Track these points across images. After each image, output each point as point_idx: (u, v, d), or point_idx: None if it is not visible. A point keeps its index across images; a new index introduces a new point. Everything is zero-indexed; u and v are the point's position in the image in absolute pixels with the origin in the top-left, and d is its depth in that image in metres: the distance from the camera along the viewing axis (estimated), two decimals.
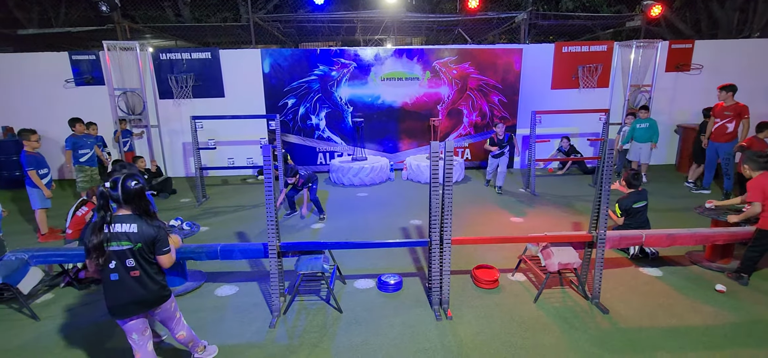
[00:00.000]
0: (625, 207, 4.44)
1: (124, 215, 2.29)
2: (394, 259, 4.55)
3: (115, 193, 2.23)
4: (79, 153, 6.29)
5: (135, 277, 2.31)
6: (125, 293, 2.31)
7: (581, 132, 9.07)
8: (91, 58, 8.32)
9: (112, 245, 2.24)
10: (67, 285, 4.03)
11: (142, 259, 2.32)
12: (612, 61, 8.78)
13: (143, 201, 2.33)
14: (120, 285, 2.30)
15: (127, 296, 2.32)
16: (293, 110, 8.78)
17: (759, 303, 3.59)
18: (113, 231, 2.24)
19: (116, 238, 2.24)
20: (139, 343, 2.48)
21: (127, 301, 2.33)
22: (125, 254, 2.27)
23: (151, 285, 2.39)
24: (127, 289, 2.31)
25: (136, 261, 2.30)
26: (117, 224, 2.25)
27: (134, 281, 2.31)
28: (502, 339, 3.13)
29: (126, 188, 2.24)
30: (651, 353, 2.94)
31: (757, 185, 3.78)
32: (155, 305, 2.46)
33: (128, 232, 2.26)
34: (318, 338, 3.18)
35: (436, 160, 3.20)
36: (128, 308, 2.36)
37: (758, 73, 8.64)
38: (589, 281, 3.76)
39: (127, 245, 2.26)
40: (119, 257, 2.26)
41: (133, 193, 2.26)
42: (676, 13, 12.19)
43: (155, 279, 2.41)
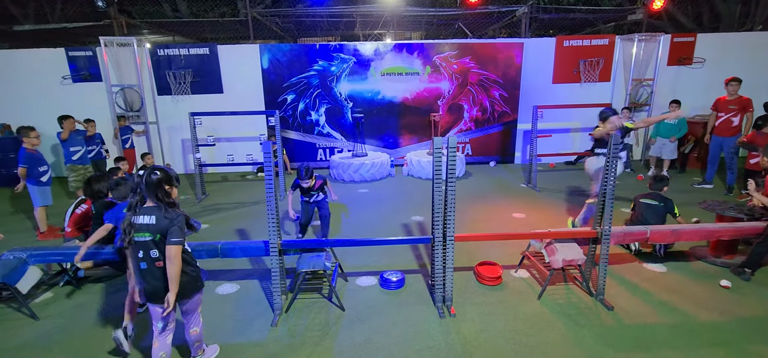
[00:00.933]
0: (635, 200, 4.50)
1: (147, 206, 2.36)
2: (396, 256, 4.51)
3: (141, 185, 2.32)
4: (71, 151, 6.24)
5: (160, 268, 2.36)
6: (153, 281, 2.38)
7: (582, 127, 9.02)
8: (88, 55, 8.24)
9: (136, 236, 2.32)
10: (65, 284, 3.99)
11: (164, 249, 2.34)
12: (613, 55, 8.72)
13: (162, 191, 2.35)
14: (148, 274, 2.38)
15: (155, 284, 2.38)
16: (293, 106, 8.72)
17: (765, 299, 3.56)
18: (137, 223, 2.32)
19: (139, 230, 2.32)
20: (162, 333, 2.55)
21: (155, 288, 2.39)
22: (148, 246, 2.33)
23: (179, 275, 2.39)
24: (154, 278, 2.38)
25: (159, 252, 2.35)
26: (141, 216, 2.33)
27: (160, 271, 2.36)
28: (506, 336, 3.10)
29: (147, 178, 2.31)
30: (656, 350, 2.91)
31: None
32: (183, 296, 2.47)
33: (148, 223, 2.32)
34: (320, 337, 3.15)
35: (438, 156, 3.15)
36: (158, 294, 2.40)
37: (761, 66, 8.59)
38: (593, 277, 3.72)
39: (149, 237, 2.32)
40: (144, 248, 2.34)
41: (153, 183, 2.31)
42: (678, 6, 12.10)
43: (185, 270, 2.42)
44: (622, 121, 4.59)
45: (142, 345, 3.09)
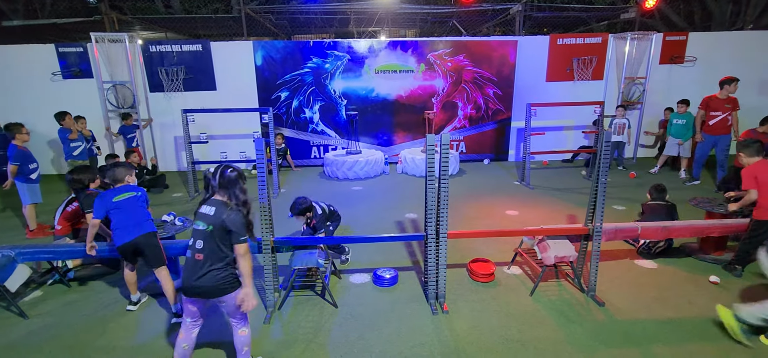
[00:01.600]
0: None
1: (213, 199, 2.37)
2: (389, 253, 4.52)
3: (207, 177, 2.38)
4: (71, 147, 6.33)
5: (198, 260, 2.33)
6: (189, 272, 2.35)
7: (576, 124, 9.07)
8: (78, 51, 8.14)
9: (195, 224, 2.37)
10: (54, 283, 3.95)
11: (211, 243, 2.32)
12: (606, 53, 8.77)
13: (237, 189, 2.38)
14: (187, 263, 2.38)
15: (190, 277, 2.34)
16: (286, 103, 8.68)
17: (753, 294, 3.60)
18: (200, 211, 2.37)
19: (197, 217, 2.37)
20: (189, 327, 2.51)
21: (190, 282, 2.34)
22: (198, 235, 2.34)
23: (212, 273, 2.32)
24: (189, 268, 2.35)
25: (204, 244, 2.32)
26: (204, 206, 2.36)
27: (196, 264, 2.33)
28: (499, 333, 3.11)
29: (223, 175, 2.36)
30: (647, 346, 2.94)
31: (750, 172, 3.77)
32: (212, 296, 2.38)
33: (207, 213, 2.33)
34: (313, 334, 3.14)
35: (431, 153, 3.15)
36: (188, 289, 2.37)
37: (751, 65, 8.68)
38: (584, 273, 3.75)
39: (201, 226, 2.33)
40: (194, 237, 2.36)
41: (228, 180, 2.36)
42: (670, 5, 12.20)
43: (218, 268, 2.33)
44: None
45: (150, 334, 3.07)
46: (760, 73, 8.76)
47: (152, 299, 3.69)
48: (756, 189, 3.72)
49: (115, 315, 3.45)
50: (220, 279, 2.34)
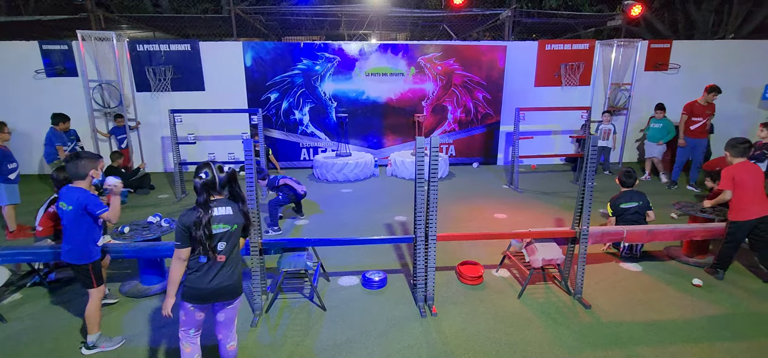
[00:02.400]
0: (613, 206, 4.47)
1: (219, 199, 2.32)
2: (378, 256, 4.51)
3: (210, 179, 2.26)
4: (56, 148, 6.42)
5: (221, 262, 2.30)
6: (210, 277, 2.28)
7: (563, 129, 9.19)
8: (63, 48, 7.98)
9: (215, 228, 2.26)
10: (34, 285, 3.86)
11: (232, 242, 2.34)
12: (593, 59, 8.91)
13: (237, 185, 2.37)
14: (206, 267, 2.27)
15: (212, 283, 2.28)
16: (276, 105, 8.63)
17: (734, 297, 3.69)
18: (216, 215, 2.26)
19: (216, 221, 2.26)
20: (194, 337, 2.43)
21: (211, 288, 2.28)
22: (220, 237, 2.28)
23: (234, 272, 2.37)
24: (212, 273, 2.28)
25: (226, 245, 2.30)
26: (215, 209, 2.27)
27: (219, 265, 2.30)
28: (487, 335, 3.13)
29: (220, 175, 2.29)
30: (632, 347, 2.98)
31: (729, 172, 3.82)
32: (233, 296, 2.39)
33: (225, 215, 2.29)
34: (301, 337, 3.12)
35: (420, 156, 3.16)
36: (206, 295, 2.29)
37: (732, 73, 8.90)
38: (571, 276, 3.79)
39: (225, 228, 2.28)
40: (214, 241, 2.27)
41: (228, 177, 2.33)
42: (655, 14, 12.46)
43: (236, 265, 2.40)
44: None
45: (133, 337, 3.01)
46: (741, 81, 8.99)
47: (137, 300, 3.62)
48: (731, 190, 3.78)
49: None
50: (238, 277, 2.41)
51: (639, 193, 4.47)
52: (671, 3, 12.04)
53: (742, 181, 3.74)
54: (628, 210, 4.40)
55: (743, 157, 3.86)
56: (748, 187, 3.74)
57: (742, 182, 3.74)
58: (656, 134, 7.52)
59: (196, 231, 2.18)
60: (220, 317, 2.42)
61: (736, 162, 3.85)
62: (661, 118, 7.52)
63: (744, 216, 3.76)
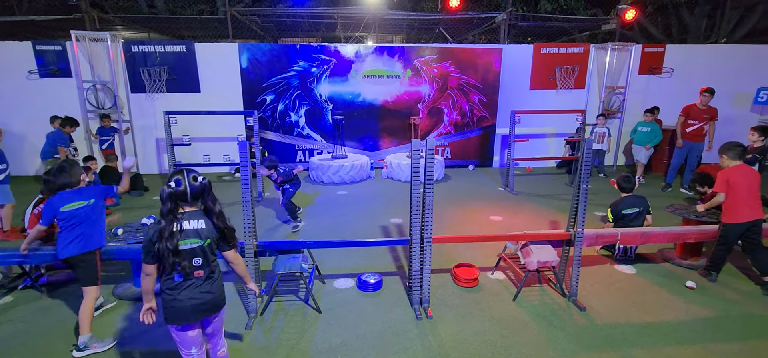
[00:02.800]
0: (614, 212, 4.46)
1: (191, 211, 2.16)
2: (374, 258, 4.50)
3: (181, 189, 2.10)
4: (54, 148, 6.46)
5: (199, 277, 2.17)
6: (189, 295, 2.15)
7: (558, 132, 9.24)
8: (56, 49, 7.92)
9: (182, 244, 2.09)
10: (25, 288, 3.81)
11: (208, 256, 2.20)
12: (588, 63, 8.97)
13: (210, 197, 2.21)
14: (183, 286, 2.14)
15: (192, 300, 2.15)
16: (272, 107, 8.61)
17: (726, 299, 3.71)
18: (186, 229, 2.11)
19: (186, 237, 2.11)
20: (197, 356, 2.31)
21: (192, 306, 2.16)
22: (193, 253, 2.13)
23: (215, 286, 2.25)
24: (191, 291, 2.16)
25: (203, 259, 2.17)
26: (185, 222, 2.12)
27: (199, 281, 2.18)
28: (482, 338, 3.13)
29: (192, 184, 2.13)
30: (626, 350, 2.99)
31: (724, 175, 3.83)
32: (217, 309, 2.29)
33: (197, 228, 2.14)
34: (296, 340, 3.11)
35: (416, 158, 3.16)
36: (189, 314, 2.17)
37: (724, 77, 8.99)
38: (566, 278, 3.80)
39: (197, 243, 2.14)
40: (186, 257, 2.12)
41: (201, 188, 2.16)
42: (649, 18, 12.58)
43: (217, 280, 2.28)
44: None
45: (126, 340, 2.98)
46: (733, 85, 9.08)
47: (130, 303, 3.59)
48: (725, 193, 3.80)
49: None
50: (220, 288, 2.29)
51: (640, 198, 4.47)
52: (665, 7, 12.16)
53: (737, 184, 3.77)
54: (629, 216, 4.37)
55: (739, 161, 3.88)
56: (741, 190, 3.76)
57: (737, 185, 3.77)
58: (644, 138, 7.60)
59: (159, 244, 2.02)
60: (208, 330, 2.35)
61: (732, 165, 3.87)
62: (649, 121, 7.61)
63: (737, 218, 3.79)
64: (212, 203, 2.21)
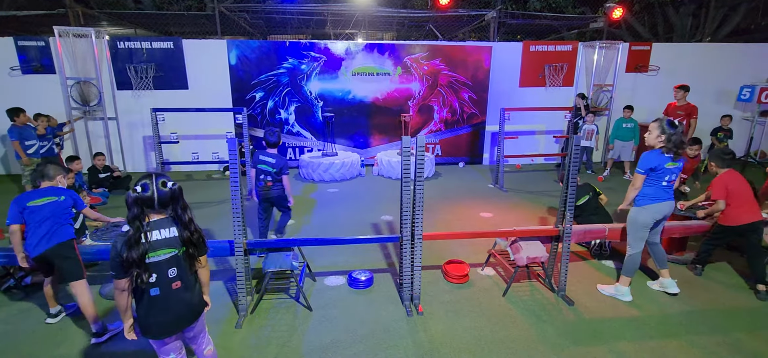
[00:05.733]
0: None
1: (159, 220, 2.03)
2: (365, 255, 4.50)
3: (148, 195, 1.97)
4: (26, 144, 6.11)
5: (177, 289, 2.06)
6: (167, 309, 2.05)
7: (547, 129, 9.32)
8: (39, 45, 7.75)
9: (151, 256, 1.97)
10: (7, 289, 3.73)
11: (184, 265, 2.09)
12: (576, 60, 9.06)
13: (182, 203, 2.09)
14: (161, 300, 2.02)
15: (170, 313, 2.06)
16: (261, 104, 8.54)
17: (711, 292, 3.79)
18: (151, 241, 1.97)
19: (155, 248, 1.98)
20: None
21: (170, 318, 2.07)
22: (168, 264, 2.02)
23: (193, 295, 2.15)
24: (169, 304, 2.05)
25: (177, 270, 2.06)
26: (154, 232, 1.99)
27: (177, 293, 2.06)
28: (472, 333, 3.15)
29: (161, 190, 2.00)
30: (613, 343, 3.04)
31: (721, 182, 3.85)
32: (196, 318, 2.19)
33: (168, 237, 2.02)
34: (287, 337, 3.09)
35: (407, 156, 3.17)
36: (169, 327, 2.09)
37: (709, 75, 9.16)
38: (555, 274, 3.85)
39: (170, 253, 2.02)
40: (159, 269, 2.00)
41: (170, 195, 2.03)
42: (636, 17, 12.75)
43: (194, 289, 2.16)
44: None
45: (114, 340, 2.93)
46: (717, 83, 9.26)
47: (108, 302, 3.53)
48: (725, 199, 3.79)
49: (76, 321, 3.29)
50: (198, 298, 2.20)
51: (583, 185, 4.65)
52: (651, 6, 12.33)
53: (734, 189, 3.77)
54: (586, 205, 4.56)
55: (729, 167, 3.88)
56: (739, 194, 3.77)
57: (734, 190, 3.77)
58: (628, 134, 7.77)
59: (127, 253, 1.89)
60: (190, 335, 2.27)
61: (723, 171, 3.88)
62: (629, 117, 7.83)
63: (736, 221, 3.79)
64: (182, 210, 2.08)
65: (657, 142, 3.36)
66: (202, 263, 2.24)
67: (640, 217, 3.47)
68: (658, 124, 3.35)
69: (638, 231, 3.51)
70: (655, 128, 3.38)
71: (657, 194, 3.40)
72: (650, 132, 3.41)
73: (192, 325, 2.20)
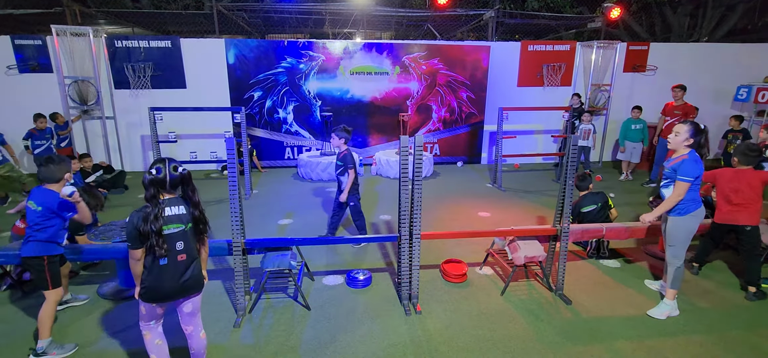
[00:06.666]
0: (573, 212, 4.51)
1: (171, 198, 2.30)
2: (363, 255, 4.51)
3: (161, 177, 2.23)
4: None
5: (182, 261, 2.31)
6: (173, 277, 2.29)
7: (545, 129, 9.34)
8: (36, 44, 7.72)
9: (165, 229, 2.24)
10: (9, 288, 3.72)
11: (190, 241, 2.35)
12: (574, 60, 9.08)
13: (190, 188, 2.36)
14: (168, 269, 2.27)
15: (172, 281, 2.30)
16: (260, 103, 8.53)
17: (708, 291, 3.81)
18: (165, 216, 2.24)
19: (167, 222, 2.25)
20: (154, 327, 2.47)
21: (174, 286, 2.31)
22: (176, 237, 2.28)
23: (196, 269, 2.39)
24: (173, 273, 2.29)
25: (184, 244, 2.31)
26: (166, 208, 2.26)
27: (182, 264, 2.31)
28: (471, 332, 3.16)
29: (172, 174, 2.27)
30: (610, 342, 3.05)
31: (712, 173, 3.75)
32: (196, 290, 2.43)
33: (179, 214, 2.29)
34: (285, 337, 3.10)
35: (405, 155, 3.17)
36: (172, 293, 2.33)
37: (706, 74, 9.20)
38: (553, 273, 3.86)
39: (179, 228, 2.29)
40: (170, 241, 2.26)
41: (180, 178, 2.30)
42: (633, 17, 12.78)
43: (197, 263, 2.42)
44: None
45: (110, 337, 2.93)
46: (715, 83, 9.29)
47: (115, 302, 3.53)
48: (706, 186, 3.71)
49: (74, 319, 3.29)
50: (199, 272, 2.43)
51: (597, 194, 4.58)
52: (649, 6, 12.36)
53: (721, 186, 3.70)
54: (588, 213, 4.47)
55: (749, 166, 3.69)
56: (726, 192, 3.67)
57: (721, 186, 3.70)
58: (637, 135, 7.73)
59: (144, 227, 2.16)
60: (187, 308, 2.45)
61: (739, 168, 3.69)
62: (637, 118, 7.76)
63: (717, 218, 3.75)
64: (191, 191, 2.36)
65: (684, 146, 3.16)
66: (204, 241, 2.50)
67: (691, 224, 3.22)
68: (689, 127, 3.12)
69: (686, 241, 3.28)
70: (684, 131, 3.14)
71: (698, 198, 3.24)
72: (677, 134, 3.18)
73: (190, 296, 2.42)
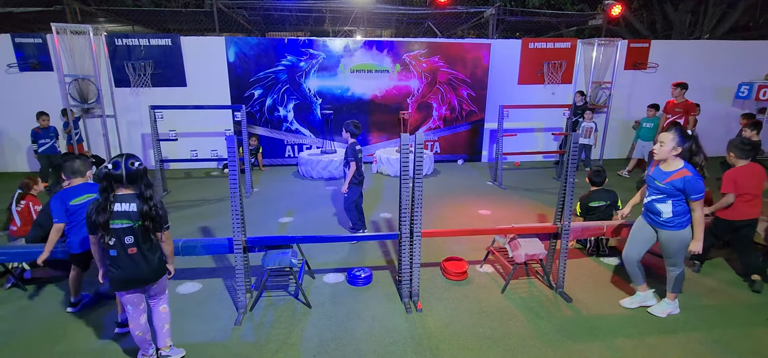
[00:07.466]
0: (583, 205, 4.55)
1: (125, 194, 2.37)
2: (364, 252, 4.51)
3: (118, 172, 2.30)
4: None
5: (133, 254, 2.40)
6: (123, 268, 2.40)
7: (546, 127, 9.33)
8: (37, 42, 7.72)
9: (113, 223, 2.32)
10: (12, 286, 3.73)
11: (140, 237, 2.40)
12: (575, 58, 9.07)
13: (145, 181, 2.41)
14: (118, 260, 2.39)
15: (126, 272, 2.41)
16: (260, 101, 8.53)
17: (709, 289, 3.81)
18: (114, 210, 2.32)
19: (116, 217, 2.32)
20: (134, 314, 2.57)
21: (125, 276, 2.42)
22: (124, 232, 2.35)
23: (148, 262, 2.47)
24: (125, 264, 2.40)
25: (134, 239, 2.38)
26: (117, 204, 2.33)
27: (131, 258, 2.40)
28: (471, 330, 3.16)
29: (129, 168, 2.33)
30: (611, 340, 3.06)
31: (731, 176, 3.72)
32: (152, 281, 2.53)
33: (128, 211, 2.35)
34: (286, 335, 3.10)
35: (406, 153, 3.17)
36: (125, 283, 2.45)
37: (707, 72, 9.18)
38: (553, 271, 3.86)
39: (127, 224, 2.35)
40: (118, 235, 2.35)
41: (136, 173, 2.36)
42: (634, 14, 12.74)
43: (152, 256, 2.49)
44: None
45: (113, 336, 2.94)
46: (716, 80, 9.27)
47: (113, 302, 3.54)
48: (734, 193, 3.65)
49: (76, 318, 3.30)
50: (157, 264, 2.53)
51: (609, 191, 4.55)
52: (650, 3, 12.33)
53: (743, 185, 3.65)
54: (597, 209, 4.47)
55: (747, 160, 3.71)
56: (746, 189, 3.66)
57: (743, 186, 3.66)
58: (649, 133, 7.70)
59: (95, 217, 2.29)
60: (151, 293, 2.62)
61: (740, 164, 3.71)
62: (652, 117, 7.74)
63: (733, 216, 3.73)
64: (145, 187, 2.41)
65: (672, 156, 3.02)
66: (163, 238, 2.57)
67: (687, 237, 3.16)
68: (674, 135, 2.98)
69: (683, 251, 3.24)
70: (669, 140, 2.99)
71: None
72: (662, 144, 3.02)
73: (150, 285, 2.55)
